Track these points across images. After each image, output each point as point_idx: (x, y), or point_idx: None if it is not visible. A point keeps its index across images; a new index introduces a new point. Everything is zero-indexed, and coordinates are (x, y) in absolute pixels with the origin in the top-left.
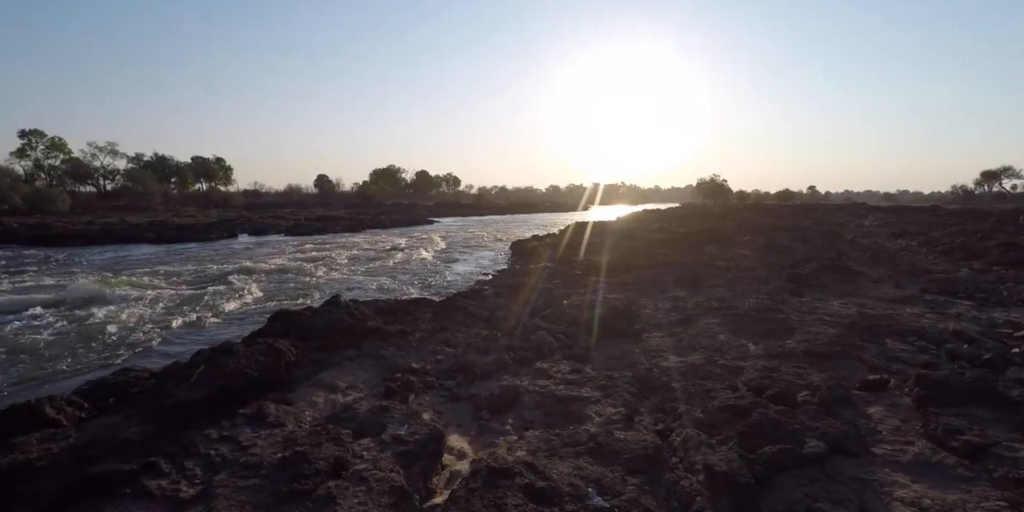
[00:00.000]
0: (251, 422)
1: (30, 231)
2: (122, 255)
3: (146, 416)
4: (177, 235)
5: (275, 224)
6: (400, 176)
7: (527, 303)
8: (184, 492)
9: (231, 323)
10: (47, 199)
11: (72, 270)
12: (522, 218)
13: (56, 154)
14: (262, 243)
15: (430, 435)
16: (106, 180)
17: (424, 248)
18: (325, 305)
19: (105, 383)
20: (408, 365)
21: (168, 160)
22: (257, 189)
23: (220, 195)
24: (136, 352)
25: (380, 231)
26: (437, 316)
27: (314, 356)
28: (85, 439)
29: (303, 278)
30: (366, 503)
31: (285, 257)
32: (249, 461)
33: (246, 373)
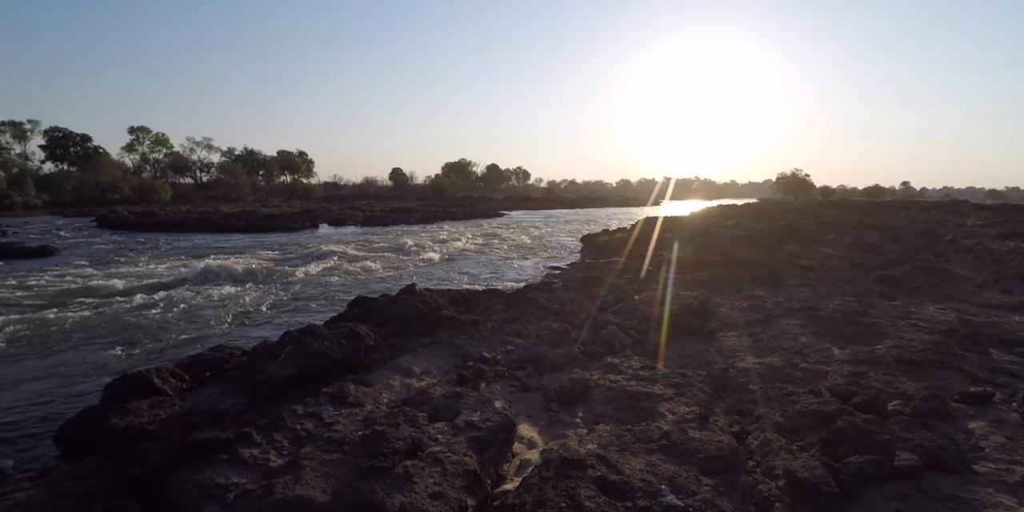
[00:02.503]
0: (333, 401)
1: (138, 218)
2: (218, 241)
3: (240, 390)
4: (264, 224)
5: (353, 215)
6: (471, 170)
7: (597, 298)
8: (273, 462)
9: (313, 306)
10: (152, 189)
11: (174, 255)
12: (591, 212)
13: (160, 148)
14: (341, 233)
15: (502, 423)
16: (202, 172)
17: (493, 239)
18: (401, 293)
19: (203, 358)
20: (480, 354)
21: (256, 154)
22: (336, 181)
23: (303, 187)
24: (229, 330)
25: (451, 223)
26: (508, 307)
27: (391, 341)
28: (188, 408)
29: (378, 266)
30: (441, 484)
31: (362, 246)
32: (332, 437)
33: (329, 355)
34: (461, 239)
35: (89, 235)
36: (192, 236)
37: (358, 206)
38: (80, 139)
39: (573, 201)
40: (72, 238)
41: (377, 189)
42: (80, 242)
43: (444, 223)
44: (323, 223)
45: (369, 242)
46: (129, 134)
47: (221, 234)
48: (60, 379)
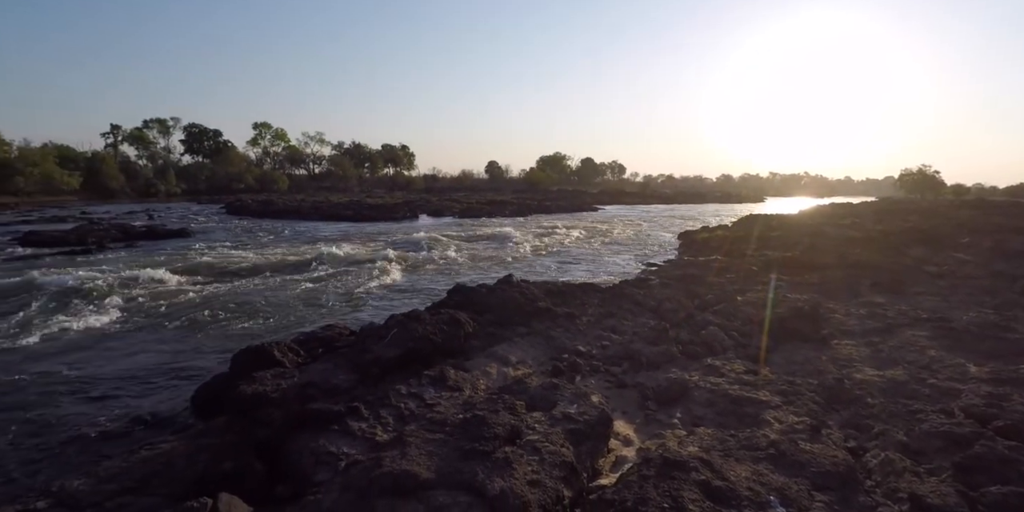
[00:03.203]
0: (434, 383)
1: (260, 206)
2: (329, 228)
3: (350, 367)
4: (369, 214)
5: (450, 207)
6: (565, 163)
7: (697, 296)
8: (379, 436)
9: (413, 292)
10: (271, 180)
11: (291, 239)
12: (689, 208)
13: (279, 142)
14: (439, 223)
15: (599, 417)
16: (314, 164)
17: (587, 234)
18: (499, 283)
19: (316, 335)
20: (575, 347)
21: (363, 147)
22: (435, 174)
23: (404, 179)
24: (338, 311)
25: (545, 216)
26: (604, 302)
27: (488, 330)
28: (305, 380)
29: (474, 256)
30: (539, 472)
31: (459, 236)
32: (435, 417)
33: (431, 339)
34: (555, 232)
35: (219, 220)
36: (306, 223)
37: (455, 198)
38: (213, 134)
39: (670, 196)
40: (205, 222)
41: (473, 182)
42: (212, 226)
43: (538, 216)
44: (423, 213)
45: (466, 233)
46: (253, 129)
47: (331, 221)
48: (194, 347)
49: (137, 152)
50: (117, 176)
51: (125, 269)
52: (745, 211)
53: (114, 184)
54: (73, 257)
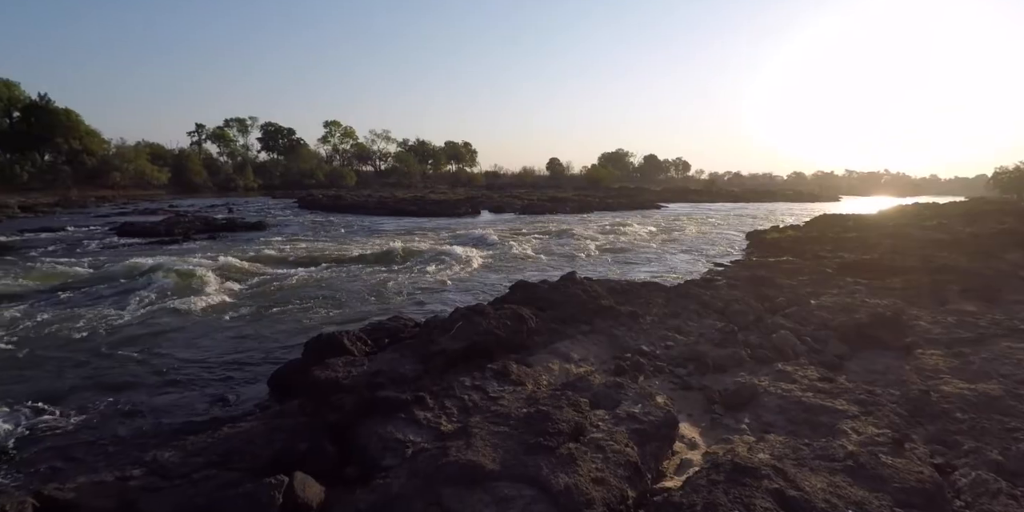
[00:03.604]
0: (497, 376)
1: (330, 201)
2: (394, 222)
3: (416, 358)
4: (433, 209)
5: (511, 203)
6: (628, 160)
7: (767, 299)
8: (444, 426)
9: (475, 286)
10: (340, 176)
11: (359, 233)
12: (758, 207)
13: (347, 140)
14: (501, 219)
15: (664, 419)
16: (380, 161)
17: (650, 232)
18: (562, 280)
19: (382, 326)
20: (638, 347)
21: (427, 144)
22: (496, 170)
23: (466, 175)
24: (403, 303)
25: (607, 213)
26: (668, 302)
27: (551, 326)
28: (374, 369)
29: (535, 252)
30: (603, 470)
31: (520, 232)
32: (499, 410)
33: (495, 333)
34: (617, 230)
35: (292, 214)
36: (372, 217)
37: (516, 194)
38: (287, 132)
39: (737, 194)
40: (279, 215)
41: (534, 178)
42: (285, 219)
43: (599, 214)
44: (484, 209)
45: (526, 229)
46: (323, 127)
47: (396, 216)
48: (269, 333)
49: (219, 149)
50: (201, 172)
51: (207, 259)
52: (818, 211)
53: (198, 179)
54: (162, 246)
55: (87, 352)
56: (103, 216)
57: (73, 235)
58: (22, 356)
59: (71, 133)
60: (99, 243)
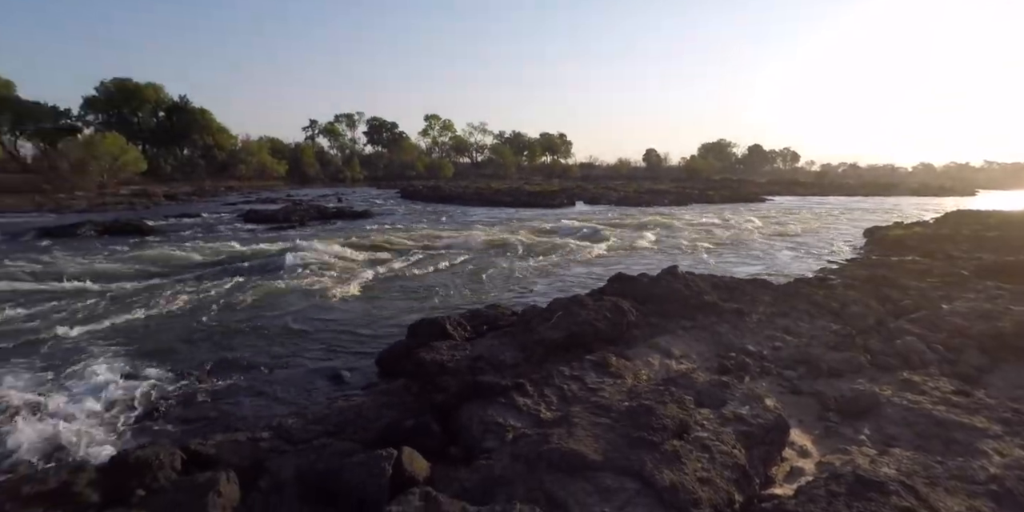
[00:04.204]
0: (596, 368)
1: (429, 191)
2: (491, 213)
3: (516, 345)
4: (528, 200)
5: (607, 195)
6: (730, 150)
7: (889, 301)
8: (544, 413)
9: (570, 277)
10: (438, 167)
11: (458, 222)
12: (879, 201)
13: (446, 133)
14: (596, 211)
15: (775, 423)
16: (477, 153)
17: (754, 226)
18: (663, 273)
19: (481, 313)
20: (743, 346)
21: (522, 136)
22: (591, 162)
23: (560, 167)
24: (500, 291)
25: (707, 206)
26: (776, 300)
27: (651, 320)
28: (475, 354)
29: (632, 244)
30: (709, 471)
31: (617, 225)
32: (599, 402)
33: (594, 325)
34: (718, 223)
35: (395, 203)
36: (469, 207)
37: (611, 186)
38: (390, 126)
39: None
40: (383, 204)
41: (630, 170)
42: (389, 208)
43: (699, 206)
44: (579, 201)
45: (622, 221)
46: (424, 121)
47: (492, 207)
48: (375, 314)
49: (329, 143)
50: (314, 164)
51: (320, 244)
52: (950, 206)
53: (311, 171)
54: (281, 232)
55: (219, 325)
56: (231, 204)
57: (207, 220)
58: (165, 327)
59: (205, 130)
60: (228, 228)
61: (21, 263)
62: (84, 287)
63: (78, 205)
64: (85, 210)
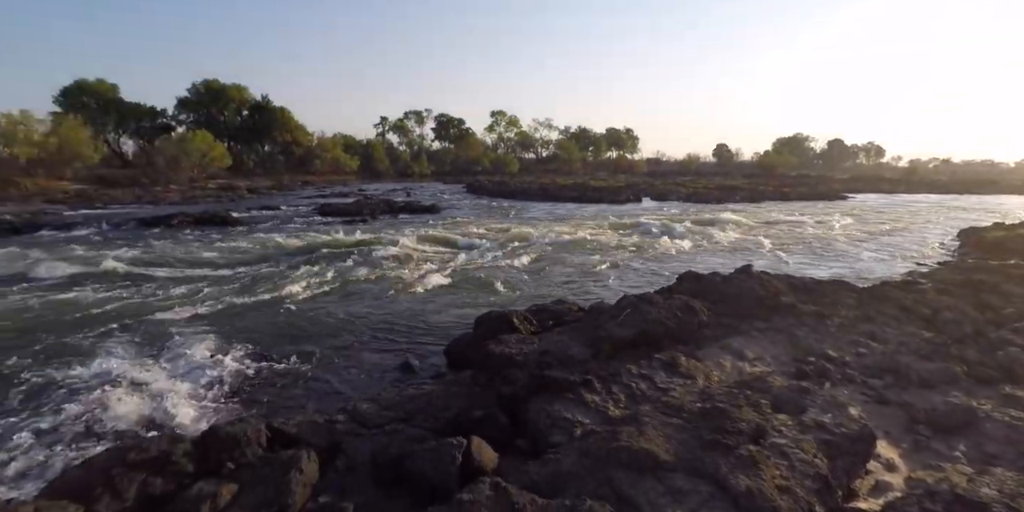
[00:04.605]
0: (665, 367)
1: (495, 186)
2: (555, 208)
3: (584, 341)
4: (593, 195)
5: (675, 191)
6: (807, 145)
7: (989, 308)
8: (611, 411)
9: (636, 274)
10: (503, 163)
11: (524, 217)
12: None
13: (511, 128)
14: (663, 207)
15: (859, 433)
16: (542, 148)
17: (834, 224)
18: (736, 272)
19: (547, 308)
20: (822, 350)
21: (587, 132)
22: (658, 157)
23: (626, 162)
24: (566, 287)
25: (782, 204)
26: (860, 304)
27: (723, 321)
28: (543, 348)
29: (702, 242)
30: (788, 479)
31: (684, 221)
32: (669, 402)
33: (664, 323)
34: (793, 221)
35: (461, 198)
36: (534, 202)
37: (680, 182)
38: (457, 122)
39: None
40: (450, 199)
41: (699, 165)
42: (455, 203)
43: (773, 203)
44: (646, 197)
45: (691, 217)
46: (490, 117)
47: (556, 202)
48: (443, 306)
49: (398, 139)
50: (384, 159)
51: (390, 236)
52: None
53: (381, 166)
54: (354, 224)
55: (297, 311)
56: (307, 197)
57: (286, 213)
58: (249, 311)
59: (284, 128)
60: (305, 220)
61: (124, 250)
62: (177, 273)
63: (172, 197)
64: (178, 202)
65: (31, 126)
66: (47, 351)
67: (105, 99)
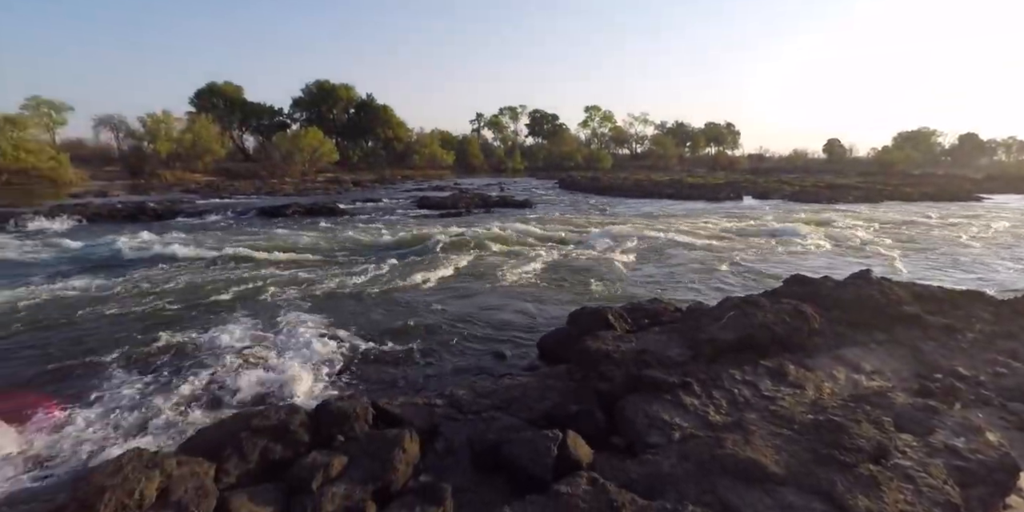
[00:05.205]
0: (771, 375)
1: (588, 182)
2: (650, 205)
3: (683, 342)
4: (689, 193)
5: (779, 189)
6: (934, 140)
7: None
8: (712, 416)
9: (733, 276)
10: (596, 159)
11: (617, 213)
12: None
13: (606, 124)
14: (767, 206)
15: (999, 461)
16: (637, 144)
17: (965, 228)
18: (853, 278)
19: (641, 307)
20: (952, 367)
21: (685, 126)
22: (761, 153)
23: (726, 158)
24: (658, 285)
25: (903, 204)
26: (999, 318)
27: (837, 329)
28: (640, 347)
29: (811, 243)
30: (914, 505)
31: (791, 221)
32: (777, 411)
33: (772, 328)
34: (916, 224)
35: (554, 193)
36: (627, 199)
37: (785, 179)
38: (551, 118)
39: None
40: (543, 194)
41: (807, 162)
42: (548, 198)
43: (893, 204)
44: (747, 195)
45: (797, 217)
46: (583, 112)
47: (651, 199)
48: (535, 299)
49: (493, 135)
50: (478, 155)
51: (485, 230)
52: None
53: (476, 161)
54: (450, 217)
55: (399, 297)
56: (406, 190)
57: (387, 205)
58: (354, 295)
59: (386, 124)
60: (405, 212)
61: (245, 237)
62: (290, 258)
63: (286, 189)
64: (291, 194)
65: (171, 125)
66: (182, 322)
67: (232, 99)
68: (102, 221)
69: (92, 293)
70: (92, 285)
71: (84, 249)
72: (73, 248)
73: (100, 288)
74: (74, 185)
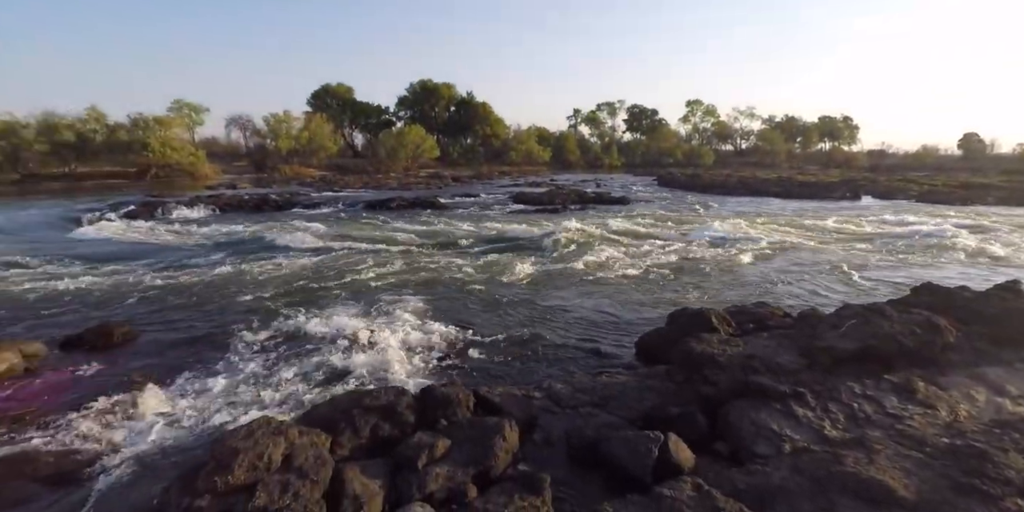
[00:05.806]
0: (897, 391)
1: (687, 180)
2: (755, 204)
3: (796, 349)
4: (800, 191)
5: (903, 188)
6: None
7: None
8: (828, 430)
9: (850, 280)
10: (697, 155)
11: (719, 212)
12: None
13: (708, 118)
14: (889, 207)
15: None
16: (741, 139)
17: None
18: (997, 289)
19: (747, 310)
20: None
21: (796, 120)
22: (883, 149)
23: (842, 155)
24: (766, 288)
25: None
26: None
27: (977, 345)
28: (748, 351)
29: (935, 249)
30: None
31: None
32: (905, 431)
33: (898, 340)
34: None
35: (652, 190)
36: (730, 197)
37: (911, 178)
38: (650, 113)
39: None
40: (641, 191)
41: (938, 159)
42: (646, 195)
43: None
44: (866, 195)
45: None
46: (685, 107)
47: (757, 197)
48: (631, 298)
49: (590, 131)
50: (575, 151)
51: (581, 226)
52: None
53: (572, 157)
54: (546, 213)
55: (495, 289)
56: (503, 186)
57: (485, 200)
58: (452, 286)
59: (485, 121)
60: (502, 207)
61: (355, 228)
62: (393, 248)
63: (390, 183)
64: (395, 188)
65: (291, 124)
66: (297, 305)
67: (343, 99)
68: (231, 211)
69: (223, 275)
70: (223, 268)
71: (217, 236)
72: (208, 234)
73: (229, 270)
74: (209, 178)
